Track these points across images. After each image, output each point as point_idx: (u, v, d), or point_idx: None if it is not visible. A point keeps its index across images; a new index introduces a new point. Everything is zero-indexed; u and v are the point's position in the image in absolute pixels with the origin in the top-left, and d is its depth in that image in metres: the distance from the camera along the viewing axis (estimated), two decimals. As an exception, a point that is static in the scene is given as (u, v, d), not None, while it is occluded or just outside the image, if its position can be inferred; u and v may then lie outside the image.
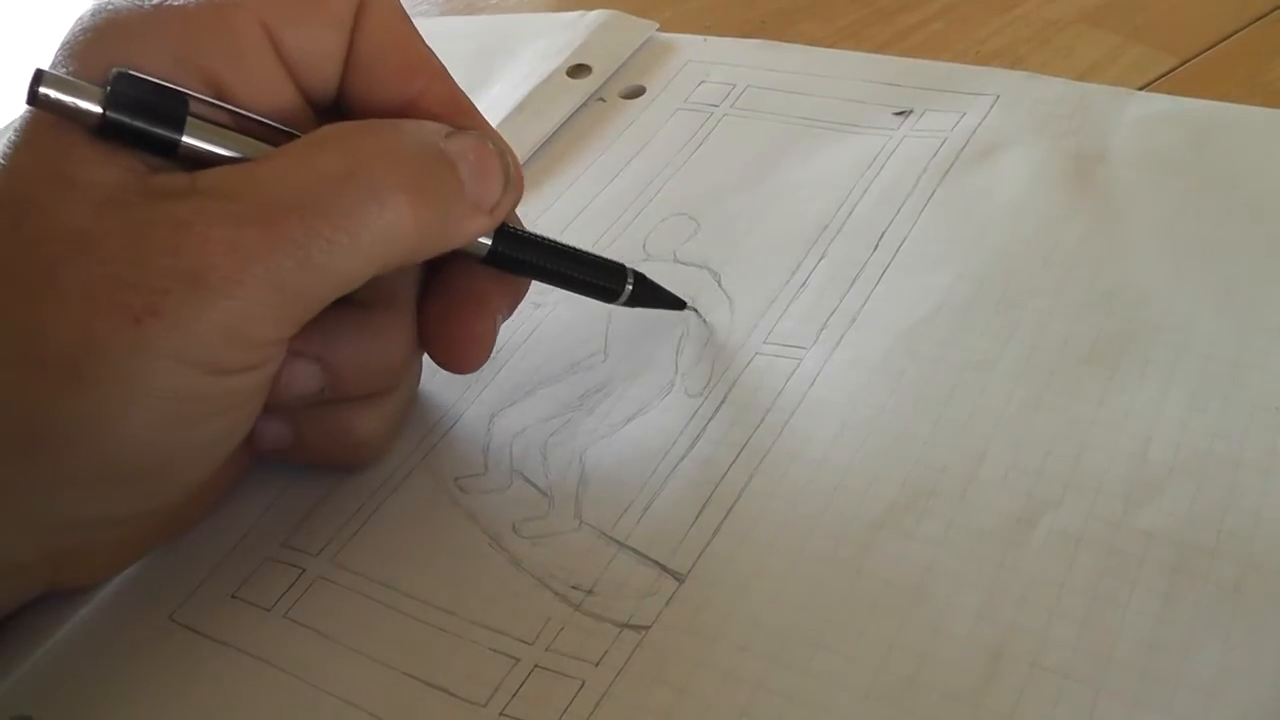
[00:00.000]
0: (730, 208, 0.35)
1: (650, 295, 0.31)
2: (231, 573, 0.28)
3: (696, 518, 0.27)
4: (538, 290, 0.34)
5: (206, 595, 0.27)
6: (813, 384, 0.29)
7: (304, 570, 0.27)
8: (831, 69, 0.40)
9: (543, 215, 0.37)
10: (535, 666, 0.24)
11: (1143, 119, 0.35)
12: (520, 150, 0.39)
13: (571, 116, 0.40)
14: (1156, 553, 0.24)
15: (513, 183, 0.26)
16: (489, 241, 0.27)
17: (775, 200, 0.35)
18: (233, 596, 0.27)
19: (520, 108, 0.40)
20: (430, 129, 0.25)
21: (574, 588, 0.26)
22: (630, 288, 0.30)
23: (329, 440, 0.28)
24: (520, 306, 0.33)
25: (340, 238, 0.22)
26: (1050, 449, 0.26)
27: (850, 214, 0.34)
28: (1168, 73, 0.38)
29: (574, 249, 0.29)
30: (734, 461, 0.28)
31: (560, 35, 0.44)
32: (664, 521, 0.27)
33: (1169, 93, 0.37)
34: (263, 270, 0.22)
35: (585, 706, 0.23)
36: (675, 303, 0.31)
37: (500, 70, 0.43)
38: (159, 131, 0.22)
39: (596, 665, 0.24)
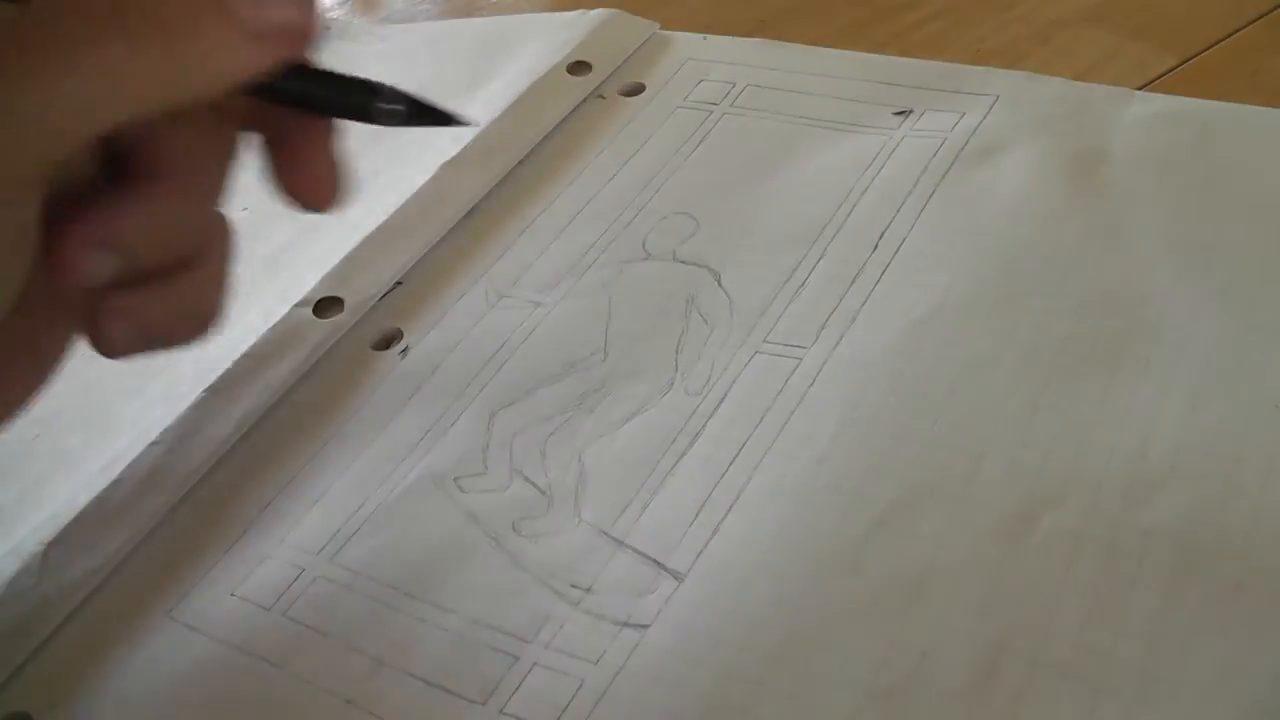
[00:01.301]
0: (730, 207, 0.35)
1: (414, 113, 0.27)
2: (231, 571, 0.28)
3: (696, 516, 0.27)
4: (538, 289, 0.34)
5: (206, 593, 0.27)
6: (812, 383, 0.29)
7: (303, 569, 0.27)
8: (831, 69, 0.40)
9: (542, 214, 0.37)
10: (535, 664, 0.24)
11: (1143, 119, 0.35)
12: (519, 146, 0.39)
13: (571, 113, 0.40)
14: (1156, 552, 0.24)
15: (267, 35, 0.24)
16: None
17: (775, 199, 0.35)
18: (232, 595, 0.27)
19: (519, 102, 0.40)
20: None
21: (573, 586, 0.26)
22: (389, 106, 0.26)
23: (168, 319, 0.27)
24: (520, 306, 0.34)
25: (59, 68, 0.21)
26: (1050, 448, 0.26)
27: (850, 214, 0.34)
28: (1168, 72, 0.38)
29: (318, 69, 0.26)
30: (734, 460, 0.28)
31: (561, 33, 0.44)
32: (663, 520, 0.27)
33: (1169, 92, 0.37)
34: None
35: (585, 705, 0.23)
36: (449, 119, 0.28)
37: (500, 68, 0.43)
38: None
39: (596, 664, 0.24)
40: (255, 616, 0.26)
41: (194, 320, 0.28)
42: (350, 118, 0.27)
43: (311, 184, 0.27)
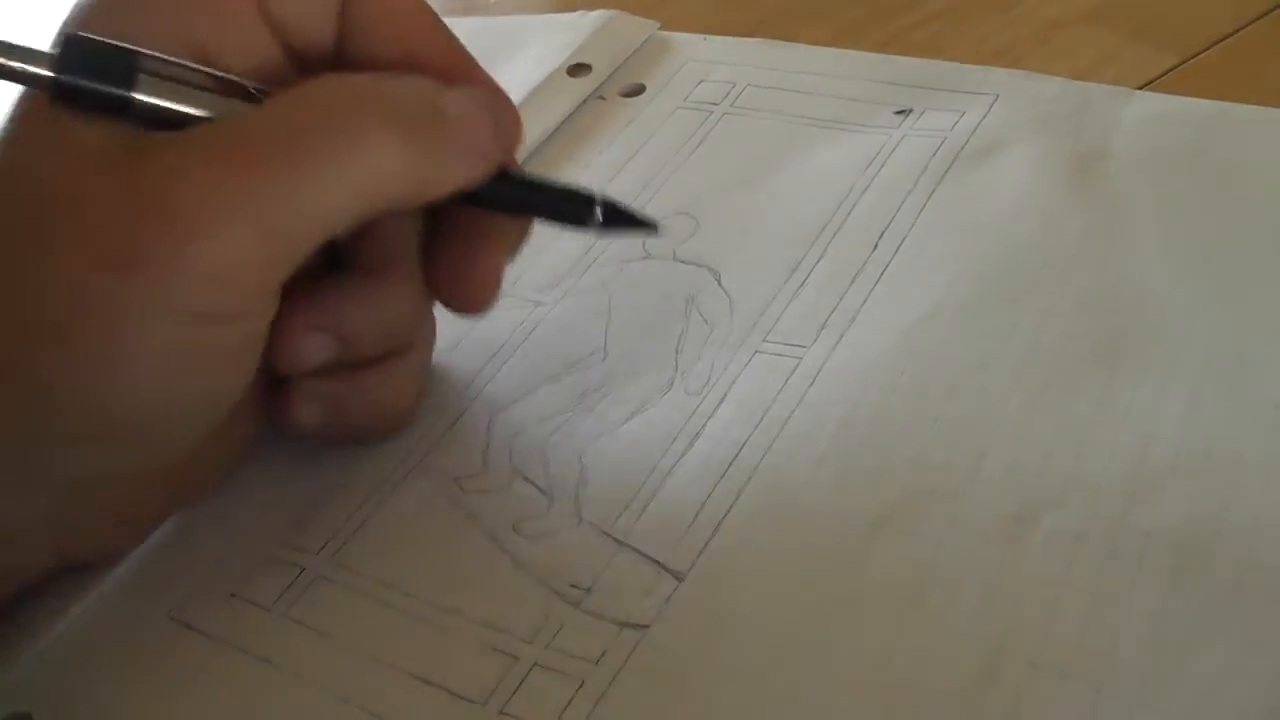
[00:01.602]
0: (730, 206, 0.35)
1: (622, 219, 0.29)
2: (231, 571, 0.28)
3: (696, 516, 0.27)
4: (538, 289, 0.34)
5: (206, 594, 0.27)
6: (812, 383, 0.29)
7: (304, 569, 0.27)
8: (831, 68, 0.40)
9: (542, 214, 0.37)
10: (535, 665, 0.24)
11: (1143, 118, 0.35)
12: (519, 149, 0.39)
13: (571, 115, 0.40)
14: (1156, 553, 0.24)
15: (505, 131, 0.26)
16: None
17: (775, 199, 0.35)
18: (232, 595, 0.27)
19: (520, 107, 0.40)
20: (422, 81, 0.25)
21: (573, 586, 0.26)
22: (600, 214, 0.28)
23: (360, 408, 0.28)
24: (519, 306, 0.34)
25: (325, 170, 0.22)
26: (1050, 449, 0.26)
27: (850, 213, 0.34)
28: (1168, 72, 0.38)
29: (538, 178, 0.29)
30: (734, 460, 0.28)
31: (561, 35, 0.44)
32: (664, 520, 0.27)
33: (1169, 92, 0.37)
34: (243, 204, 0.21)
35: (585, 705, 0.23)
36: (647, 225, 0.30)
37: (501, 72, 0.43)
38: (109, 90, 0.22)
39: (596, 664, 0.24)
40: (255, 616, 0.26)
41: (385, 412, 0.29)
42: (561, 223, 0.29)
43: (471, 285, 0.28)
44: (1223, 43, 0.39)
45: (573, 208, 0.28)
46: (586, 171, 0.38)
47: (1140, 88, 0.37)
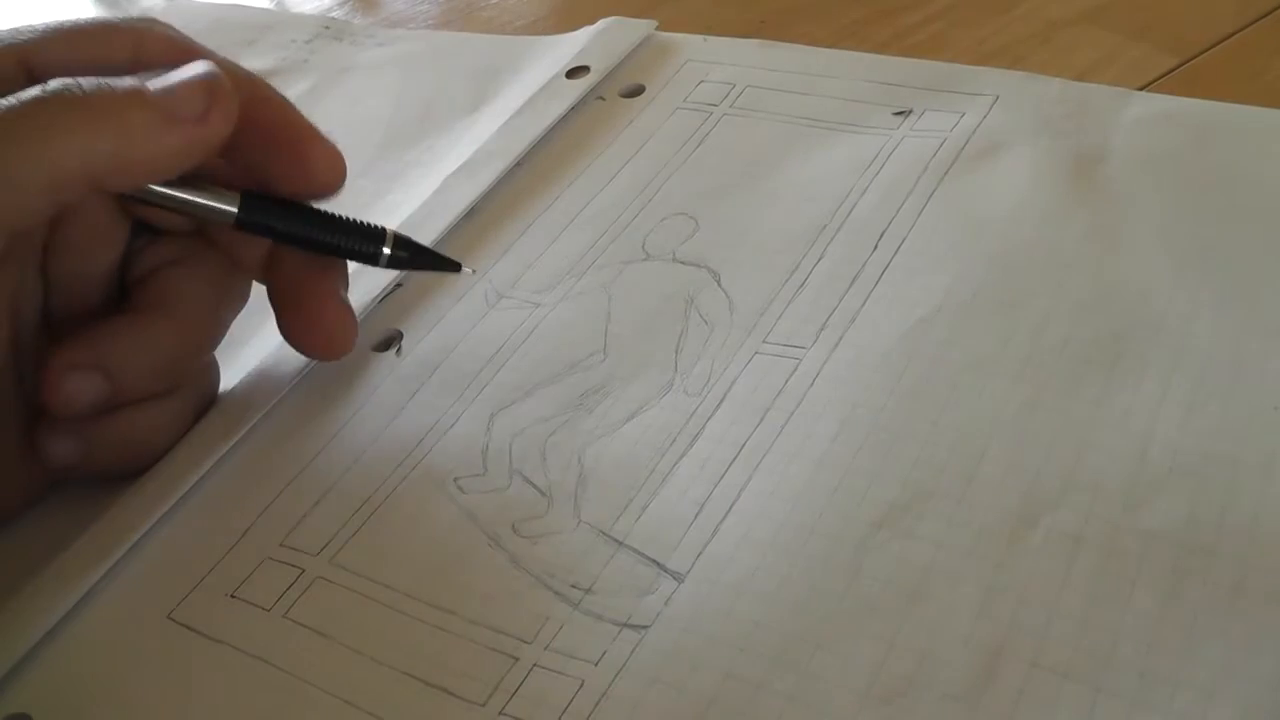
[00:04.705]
0: (730, 207, 0.35)
1: (419, 258, 0.31)
2: (230, 572, 0.28)
3: (696, 517, 0.27)
4: (537, 290, 0.34)
5: (205, 595, 0.27)
6: (812, 383, 0.29)
7: (303, 570, 0.27)
8: (831, 69, 0.40)
9: (542, 215, 0.37)
10: (534, 665, 0.24)
11: (1143, 119, 0.35)
12: (518, 148, 0.39)
13: (571, 115, 0.40)
14: (1156, 553, 0.24)
15: (221, 99, 0.26)
16: (235, 209, 0.27)
17: (775, 200, 0.35)
18: (231, 596, 0.27)
19: (520, 112, 0.41)
20: (118, 79, 0.25)
21: (573, 587, 0.26)
22: (388, 251, 0.30)
23: (116, 445, 0.29)
24: (519, 307, 0.34)
25: (8, 149, 0.23)
26: (1050, 449, 0.26)
27: (850, 214, 0.34)
28: (1168, 73, 0.38)
29: (331, 214, 0.29)
30: (733, 461, 0.28)
31: (562, 48, 0.44)
32: (663, 521, 0.27)
33: (1169, 93, 0.37)
34: None
35: (585, 706, 0.23)
36: (448, 264, 0.31)
37: (505, 87, 0.43)
38: None
39: (596, 665, 0.24)
40: (255, 617, 0.26)
41: (133, 451, 0.29)
42: (358, 260, 0.30)
43: (320, 331, 0.29)
44: (1223, 43, 0.39)
45: (362, 242, 0.29)
46: (586, 172, 0.38)
47: (1140, 88, 0.37)
